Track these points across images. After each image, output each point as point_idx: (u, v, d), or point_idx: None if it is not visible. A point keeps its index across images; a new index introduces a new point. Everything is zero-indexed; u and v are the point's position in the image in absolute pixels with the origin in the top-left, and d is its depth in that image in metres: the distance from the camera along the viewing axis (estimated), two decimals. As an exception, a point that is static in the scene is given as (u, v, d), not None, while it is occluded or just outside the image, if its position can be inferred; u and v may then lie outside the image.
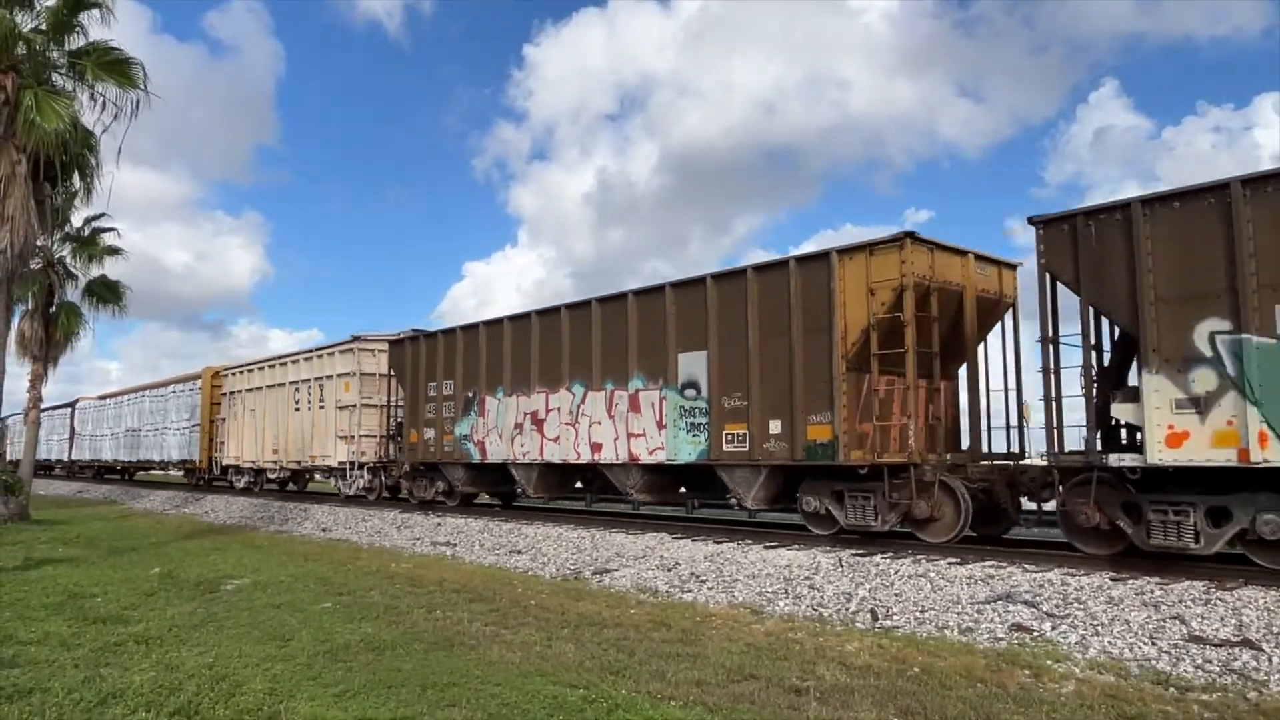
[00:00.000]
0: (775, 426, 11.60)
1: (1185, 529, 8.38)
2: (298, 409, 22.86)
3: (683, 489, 14.24)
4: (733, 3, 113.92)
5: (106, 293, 24.93)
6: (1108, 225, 8.93)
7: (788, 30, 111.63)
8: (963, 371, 12.11)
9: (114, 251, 24.90)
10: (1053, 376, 9.49)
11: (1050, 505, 9.96)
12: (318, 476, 23.63)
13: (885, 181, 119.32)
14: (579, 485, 16.42)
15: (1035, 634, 7.04)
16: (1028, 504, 10.79)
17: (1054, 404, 9.42)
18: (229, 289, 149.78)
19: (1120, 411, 9.02)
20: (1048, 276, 9.57)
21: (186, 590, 9.73)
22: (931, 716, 5.08)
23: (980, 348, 12.01)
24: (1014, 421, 11.81)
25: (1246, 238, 7.91)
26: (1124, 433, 9.51)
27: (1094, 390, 9.26)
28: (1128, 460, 8.70)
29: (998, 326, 12.16)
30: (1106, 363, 9.79)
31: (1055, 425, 9.38)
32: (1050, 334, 9.53)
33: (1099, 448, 9.06)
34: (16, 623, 7.74)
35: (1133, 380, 9.24)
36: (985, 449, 11.74)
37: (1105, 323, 9.74)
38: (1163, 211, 8.55)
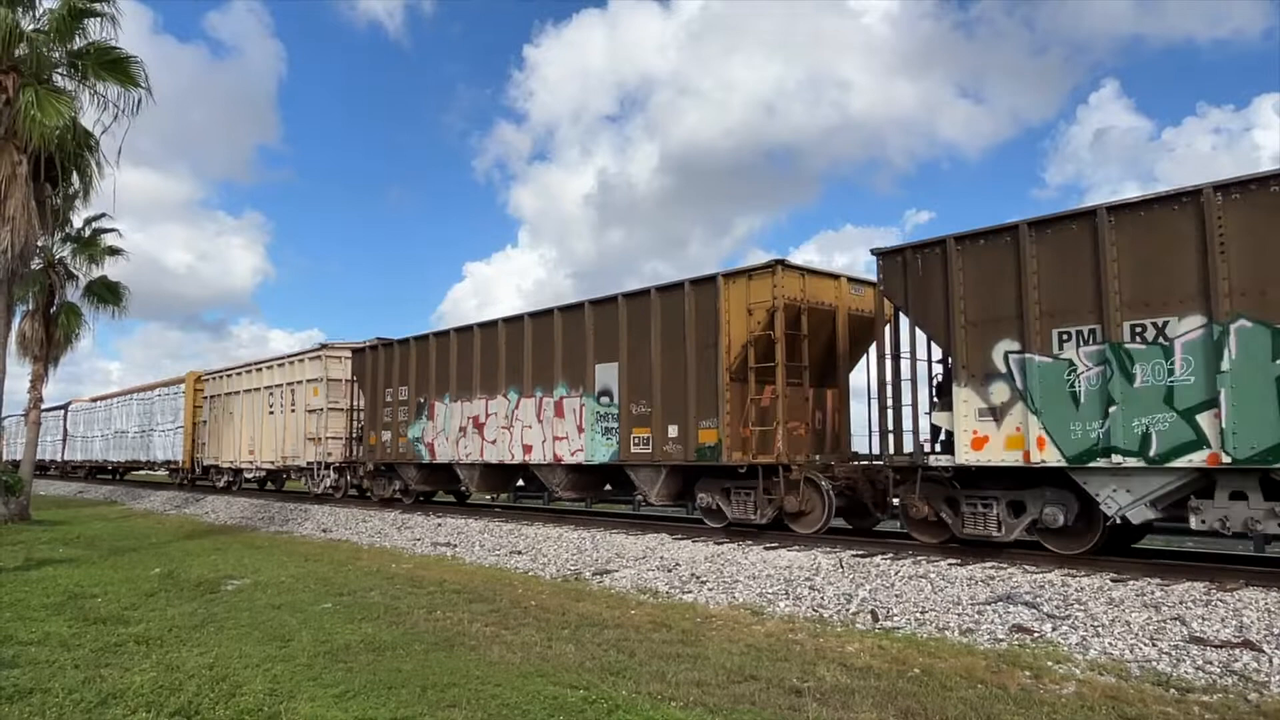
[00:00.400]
0: (673, 430, 12.87)
1: (990, 519, 9.84)
2: (272, 412, 24.03)
3: (608, 486, 15.69)
4: (733, 3, 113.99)
5: (107, 293, 24.91)
6: (930, 258, 10.20)
7: (788, 31, 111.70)
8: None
9: (114, 252, 24.90)
10: (889, 388, 10.83)
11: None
12: (292, 476, 24.45)
13: (886, 182, 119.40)
14: (520, 484, 17.35)
15: (1036, 635, 7.03)
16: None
17: (889, 412, 10.82)
18: (230, 289, 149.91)
19: (938, 419, 10.41)
20: (885, 301, 10.95)
21: (187, 591, 9.73)
22: (932, 718, 5.08)
23: (863, 360, 13.18)
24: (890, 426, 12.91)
25: (1031, 272, 9.26)
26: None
27: (921, 400, 10.74)
28: (942, 461, 10.13)
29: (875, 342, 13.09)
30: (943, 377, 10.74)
31: (892, 430, 10.79)
32: (891, 351, 10.90)
33: (924, 450, 10.52)
34: (17, 623, 7.74)
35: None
36: (866, 450, 12.72)
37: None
38: (971, 247, 9.86)
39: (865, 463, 12.48)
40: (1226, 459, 7.86)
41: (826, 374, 12.88)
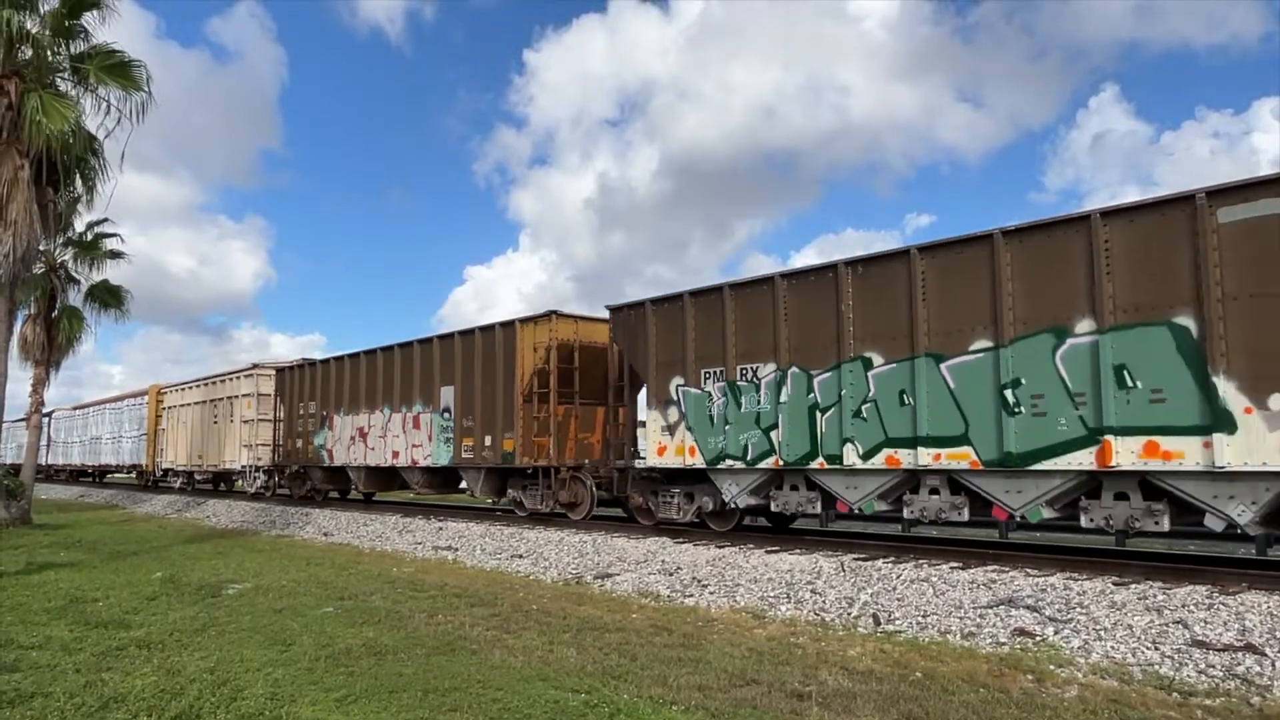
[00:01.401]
0: (488, 440, 16.22)
1: (673, 506, 13.21)
2: (216, 422, 27.57)
3: (462, 485, 18.84)
4: (732, 7, 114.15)
5: (109, 297, 24.95)
6: (639, 315, 13.53)
7: (787, 35, 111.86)
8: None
9: (116, 255, 24.91)
10: (614, 410, 15.21)
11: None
12: (233, 478, 27.98)
13: (886, 186, 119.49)
14: (406, 482, 19.85)
15: (1038, 638, 7.02)
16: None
17: (617, 427, 15.20)
18: (231, 293, 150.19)
19: (640, 434, 14.28)
20: (615, 345, 14.75)
21: (188, 594, 9.73)
22: (934, 721, 5.06)
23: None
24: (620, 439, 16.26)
25: (690, 328, 12.62)
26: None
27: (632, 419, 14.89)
28: (641, 465, 13.72)
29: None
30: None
31: (624, 442, 15.10)
32: (616, 382, 15.04)
33: (635, 456, 14.55)
34: (18, 627, 7.75)
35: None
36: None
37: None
38: (660, 309, 13.18)
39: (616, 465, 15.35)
40: (783, 462, 11.29)
41: (606, 397, 15.86)
